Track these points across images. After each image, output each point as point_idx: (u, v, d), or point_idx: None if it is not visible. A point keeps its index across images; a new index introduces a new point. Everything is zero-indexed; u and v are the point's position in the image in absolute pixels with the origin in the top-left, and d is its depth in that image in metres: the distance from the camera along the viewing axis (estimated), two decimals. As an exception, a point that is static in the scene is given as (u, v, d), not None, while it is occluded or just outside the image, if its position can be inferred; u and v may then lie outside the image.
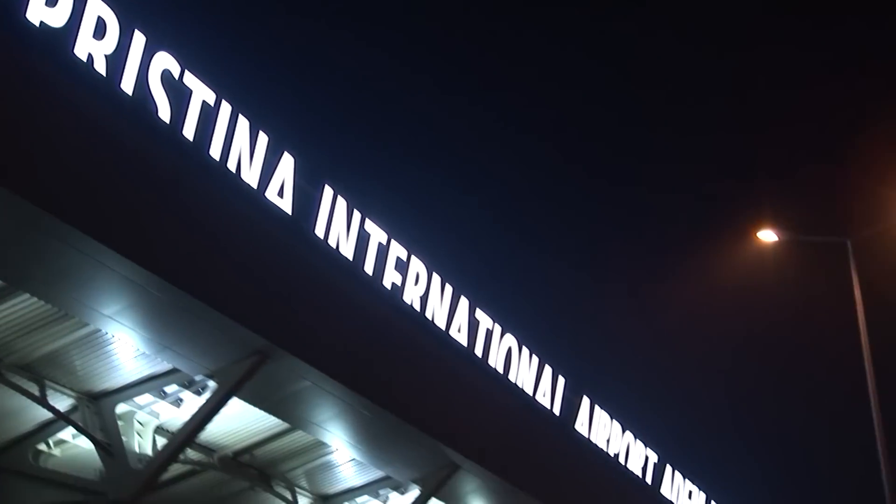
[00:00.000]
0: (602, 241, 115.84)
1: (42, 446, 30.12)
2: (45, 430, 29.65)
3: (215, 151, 25.80)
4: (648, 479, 48.27)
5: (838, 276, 41.41)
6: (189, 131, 25.16)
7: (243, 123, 26.61)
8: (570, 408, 41.27)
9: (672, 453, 51.54)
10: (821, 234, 44.28)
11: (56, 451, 30.51)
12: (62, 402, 28.91)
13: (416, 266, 32.19)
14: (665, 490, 50.13)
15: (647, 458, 48.01)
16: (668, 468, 50.19)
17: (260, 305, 26.90)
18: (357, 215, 30.17)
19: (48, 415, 28.78)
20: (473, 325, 34.90)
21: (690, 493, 53.33)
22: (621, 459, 45.62)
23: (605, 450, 44.27)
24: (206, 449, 32.14)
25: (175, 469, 30.57)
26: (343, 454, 34.43)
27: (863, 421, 41.92)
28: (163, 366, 28.33)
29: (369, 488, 36.50)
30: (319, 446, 33.84)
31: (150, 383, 29.04)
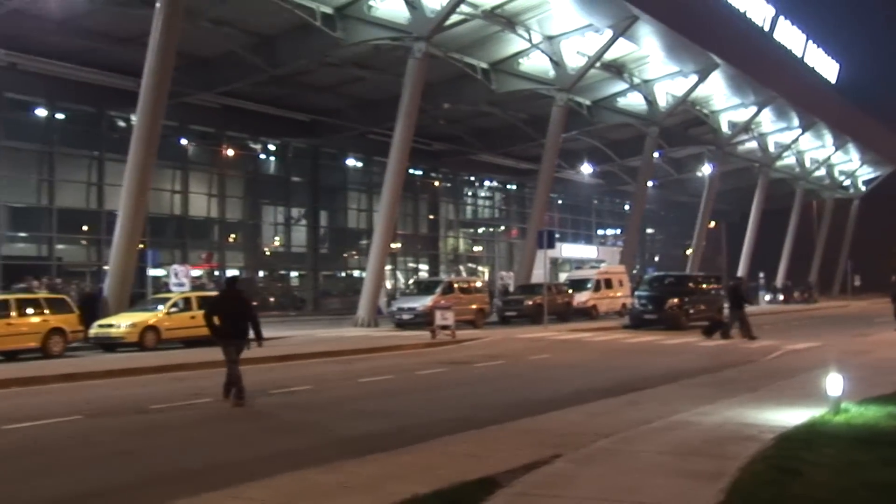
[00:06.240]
0: None
1: (371, 2, 32.39)
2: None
3: None
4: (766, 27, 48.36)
5: None
6: None
7: None
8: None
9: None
10: None
11: (377, 4, 32.65)
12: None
13: None
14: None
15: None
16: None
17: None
18: None
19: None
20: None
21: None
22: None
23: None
24: (473, 5, 33.75)
25: (453, 18, 32.67)
26: (561, 6, 35.42)
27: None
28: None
29: (579, 30, 37.65)
30: (545, 4, 34.88)
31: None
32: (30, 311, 22.40)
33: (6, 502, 7.72)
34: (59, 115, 38.09)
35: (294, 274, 51.29)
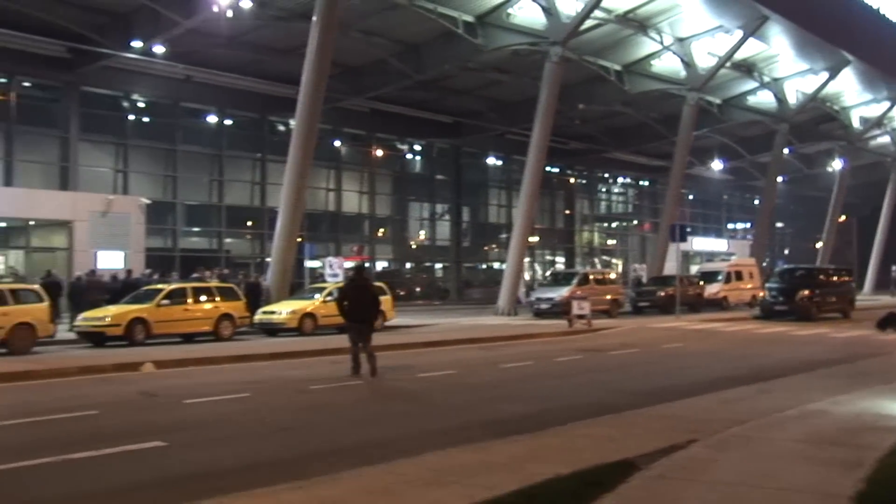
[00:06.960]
0: None
1: (510, 10, 32.30)
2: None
3: None
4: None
5: None
6: None
7: None
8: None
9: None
10: None
11: (516, 11, 32.56)
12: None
13: None
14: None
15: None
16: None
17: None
18: None
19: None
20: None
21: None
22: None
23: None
24: (607, 10, 33.17)
25: (588, 23, 32.23)
26: (692, 9, 34.43)
27: None
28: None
29: (709, 32, 36.64)
30: (676, 8, 34.01)
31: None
32: (203, 298, 23.36)
33: (193, 466, 8.06)
34: (228, 121, 39.54)
35: (438, 266, 51.76)
